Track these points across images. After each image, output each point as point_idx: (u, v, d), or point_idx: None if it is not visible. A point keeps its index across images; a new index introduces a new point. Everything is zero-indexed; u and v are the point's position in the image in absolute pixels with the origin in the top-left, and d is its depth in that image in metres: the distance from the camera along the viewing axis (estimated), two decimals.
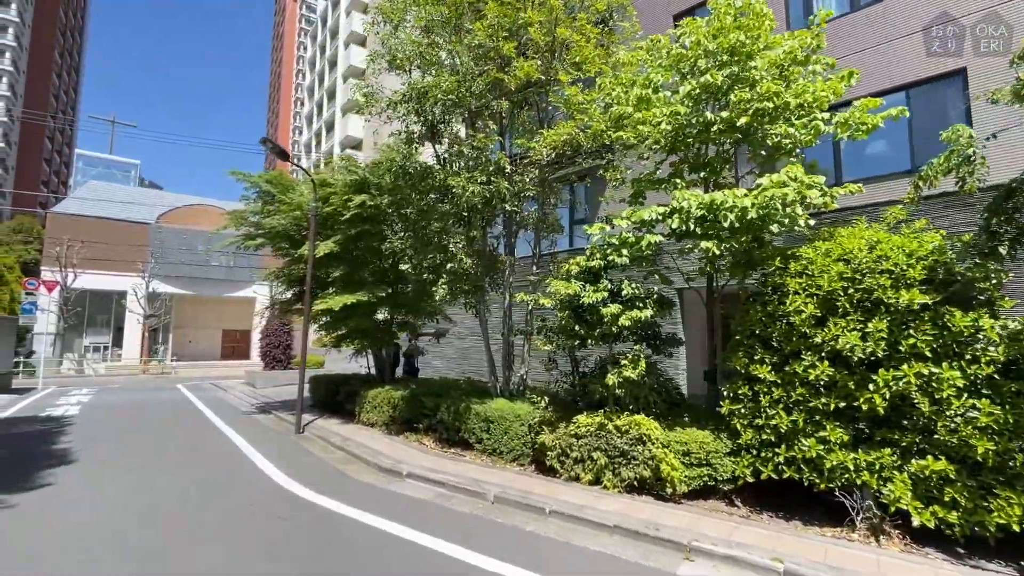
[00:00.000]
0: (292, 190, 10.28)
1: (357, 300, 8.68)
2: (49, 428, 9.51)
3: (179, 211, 35.25)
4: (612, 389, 5.60)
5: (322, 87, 57.82)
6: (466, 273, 6.85)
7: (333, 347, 11.60)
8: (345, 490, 5.77)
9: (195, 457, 7.39)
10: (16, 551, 4.09)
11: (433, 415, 8.04)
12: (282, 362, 18.75)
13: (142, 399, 14.54)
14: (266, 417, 11.29)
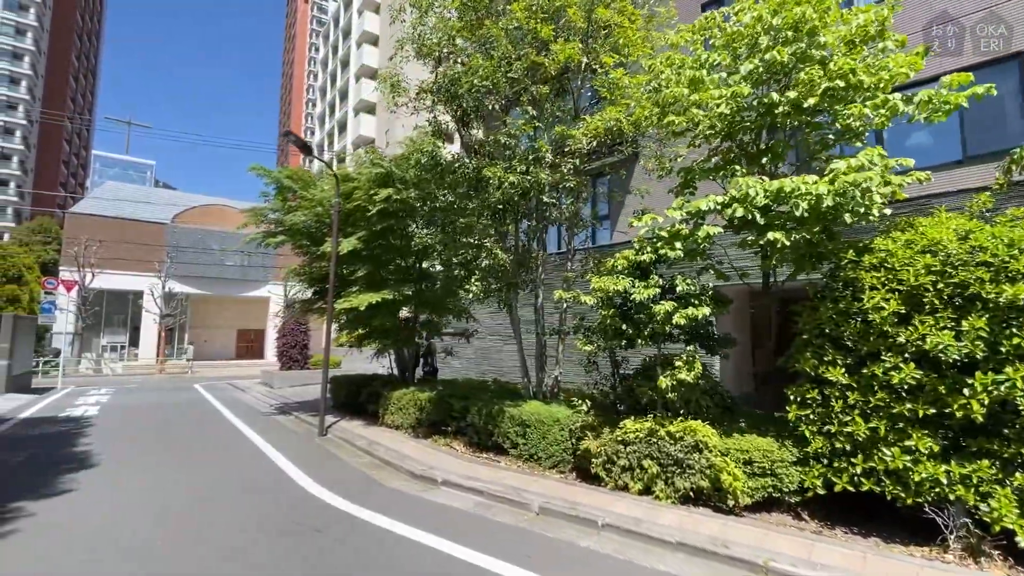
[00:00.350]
0: (313, 186, 10.01)
1: (383, 298, 8.38)
2: (68, 429, 9.32)
3: (194, 211, 35.35)
4: (664, 393, 5.21)
5: (334, 87, 57.88)
6: (501, 269, 6.51)
7: (354, 347, 11.33)
8: (379, 498, 5.45)
9: (218, 462, 7.13)
10: (35, 569, 3.82)
11: (462, 418, 7.71)
12: (299, 362, 18.56)
13: (159, 399, 14.40)
14: (286, 418, 11.05)
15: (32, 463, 6.80)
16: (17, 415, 10.97)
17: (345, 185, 9.23)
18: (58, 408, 12.11)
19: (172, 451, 7.69)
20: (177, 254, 31.35)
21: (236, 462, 7.06)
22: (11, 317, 14.28)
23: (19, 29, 66.96)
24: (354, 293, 9.06)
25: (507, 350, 15.41)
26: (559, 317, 7.51)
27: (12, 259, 25.90)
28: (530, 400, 7.22)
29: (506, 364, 15.15)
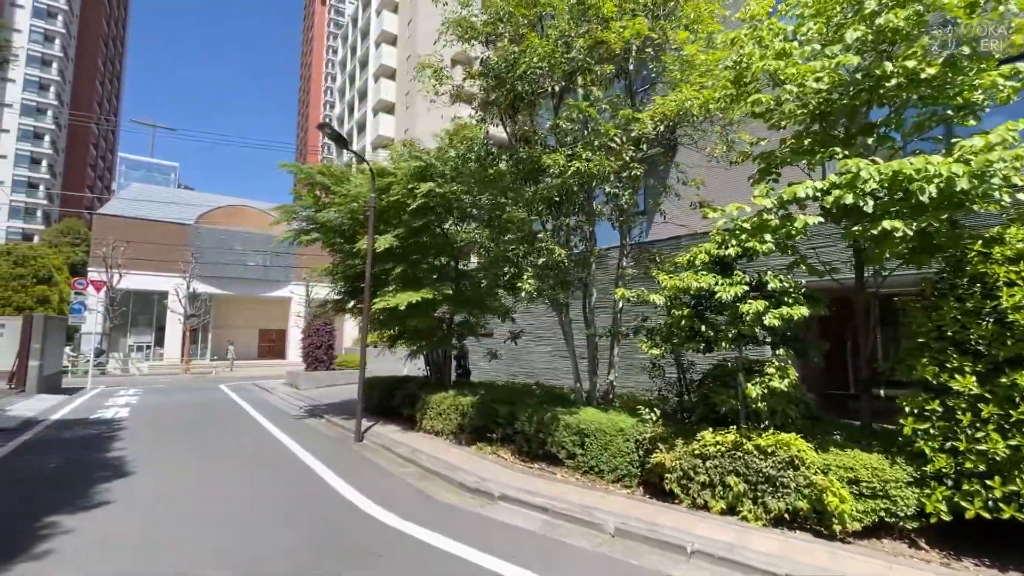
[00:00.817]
0: (347, 181, 9.65)
1: (422, 298, 7.97)
2: (101, 432, 9.10)
3: (217, 212, 35.59)
4: (754, 402, 4.68)
5: (353, 88, 58.04)
6: (558, 265, 6.03)
7: (387, 348, 10.96)
8: (435, 515, 5.01)
9: (256, 470, 6.77)
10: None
11: (508, 424, 7.26)
12: (324, 363, 18.31)
13: (188, 400, 14.23)
14: (318, 422, 10.72)
15: (66, 469, 6.52)
16: (49, 416, 10.83)
17: (381, 180, 8.84)
18: (89, 409, 11.98)
19: (207, 458, 7.37)
20: (201, 254, 31.51)
21: (275, 471, 6.70)
22: (42, 317, 14.25)
23: (48, 36, 68.56)
24: (390, 292, 8.67)
25: (539, 351, 14.94)
26: (613, 317, 7.01)
27: (42, 260, 26.23)
28: (584, 407, 6.73)
29: (537, 366, 14.66)
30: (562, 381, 13.39)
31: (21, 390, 13.87)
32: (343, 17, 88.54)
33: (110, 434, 8.94)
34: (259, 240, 35.41)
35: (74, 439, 8.49)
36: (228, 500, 5.40)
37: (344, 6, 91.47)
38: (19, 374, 14.09)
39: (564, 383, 12.41)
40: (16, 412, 11.00)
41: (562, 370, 14.07)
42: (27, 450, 7.72)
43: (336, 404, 12.94)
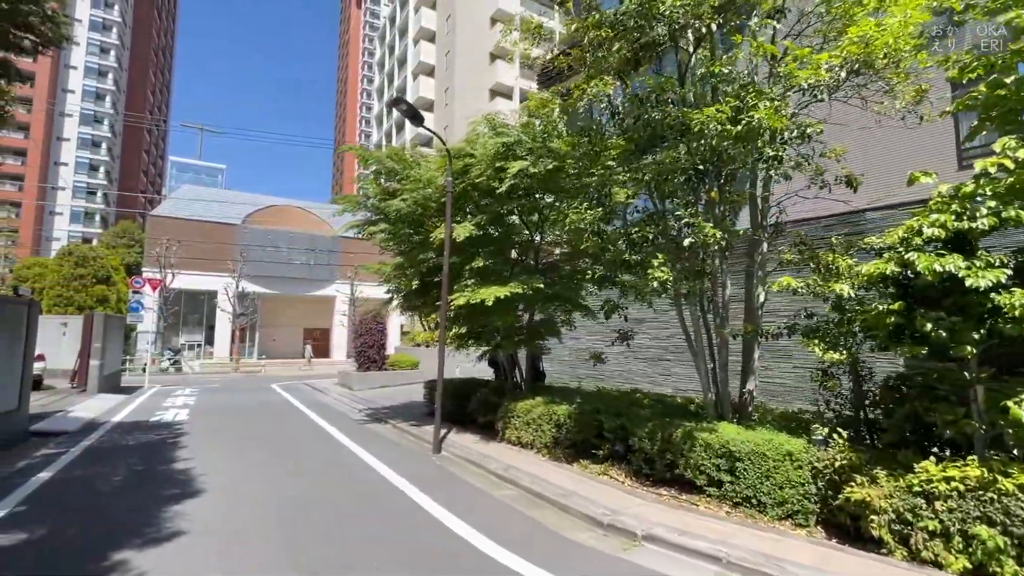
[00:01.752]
0: (418, 166, 8.80)
1: (511, 292, 7.00)
2: (163, 438, 8.55)
3: (263, 212, 35.91)
4: (1013, 427, 3.47)
5: (391, 87, 58.10)
6: (703, 249, 4.93)
7: (458, 348, 10.08)
8: (569, 560, 4.01)
9: (336, 490, 5.95)
10: None
11: (618, 440, 6.22)
12: (376, 362, 17.70)
13: (244, 402, 13.78)
14: (383, 427, 9.93)
15: (131, 485, 5.87)
16: (111, 418, 10.45)
17: (458, 162, 7.93)
18: (149, 410, 11.60)
19: (278, 473, 6.62)
20: (248, 254, 31.75)
21: (358, 492, 5.86)
22: (102, 316, 14.10)
23: (103, 48, 71.65)
24: (469, 286, 7.75)
25: (612, 352, 13.83)
26: (751, 313, 5.84)
27: (101, 260, 26.84)
28: (715, 421, 5.60)
29: (609, 368, 13.54)
30: (638, 384, 12.24)
31: (83, 389, 13.74)
32: (378, 20, 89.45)
33: (172, 440, 8.37)
34: (304, 239, 35.60)
35: (136, 445, 7.94)
36: (317, 532, 4.55)
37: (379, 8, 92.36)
38: (81, 373, 13.97)
39: (641, 386, 11.27)
40: (78, 413, 10.68)
41: (638, 373, 12.90)
42: (90, 458, 7.17)
43: (397, 408, 12.19)
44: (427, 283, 9.05)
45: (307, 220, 37.36)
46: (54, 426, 9.20)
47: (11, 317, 8.09)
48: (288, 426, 9.98)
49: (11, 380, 8.21)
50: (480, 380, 10.57)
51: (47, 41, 7.45)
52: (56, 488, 5.69)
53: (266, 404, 13.25)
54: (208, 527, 4.55)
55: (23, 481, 5.91)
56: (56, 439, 8.56)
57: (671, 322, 11.52)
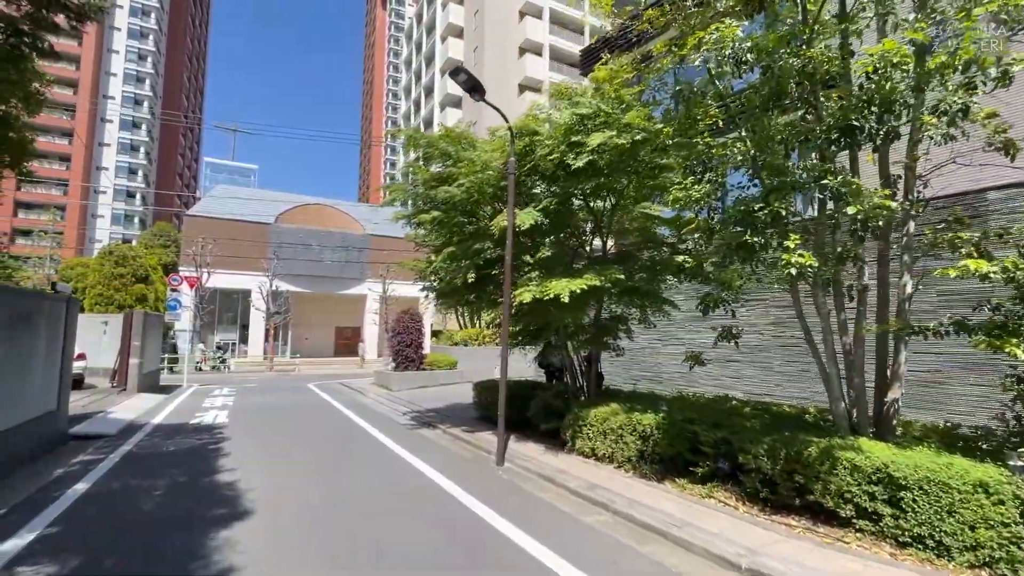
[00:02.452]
0: (472, 148, 8.02)
1: (588, 286, 6.14)
2: (204, 443, 8.00)
3: (295, 211, 35.92)
4: None
5: (419, 84, 57.88)
6: (865, 222, 3.96)
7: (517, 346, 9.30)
8: None
9: (397, 505, 5.21)
10: None
11: (723, 456, 5.31)
12: (414, 362, 17.08)
13: (283, 403, 13.30)
14: (433, 433, 9.20)
15: (173, 500, 5.25)
16: (151, 420, 10.03)
17: (521, 141, 7.11)
18: (188, 412, 11.18)
19: (330, 484, 5.92)
20: (280, 253, 31.71)
21: (424, 511, 5.10)
22: (141, 314, 13.83)
23: (141, 55, 73.68)
24: (534, 280, 6.93)
25: (666, 353, 12.84)
26: (885, 304, 4.85)
27: (140, 260, 27.10)
28: (853, 437, 4.63)
29: (666, 370, 12.55)
30: (702, 387, 11.22)
31: (123, 388, 13.49)
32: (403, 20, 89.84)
33: (214, 446, 7.80)
34: (335, 238, 35.46)
35: (178, 452, 7.39)
36: (388, 569, 3.79)
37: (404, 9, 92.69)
38: (120, 372, 13.73)
39: (705, 390, 10.27)
40: (118, 414, 10.31)
41: (702, 376, 11.86)
42: (129, 466, 6.63)
43: (442, 410, 11.47)
44: (483, 277, 8.27)
45: (338, 218, 37.26)
46: (94, 429, 8.79)
47: (48, 314, 7.65)
48: (333, 431, 9.35)
49: (50, 380, 7.78)
50: (531, 382, 9.76)
51: (81, 15, 6.97)
52: (92, 505, 5.11)
53: (306, 405, 12.73)
54: (262, 559, 3.83)
55: (58, 494, 5.36)
56: (95, 443, 8.12)
57: (740, 318, 10.52)
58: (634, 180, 6.68)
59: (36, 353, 7.11)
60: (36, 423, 7.19)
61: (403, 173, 59.87)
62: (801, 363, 9.21)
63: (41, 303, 7.35)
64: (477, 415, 10.34)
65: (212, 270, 28.21)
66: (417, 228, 9.19)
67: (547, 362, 11.15)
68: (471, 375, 18.18)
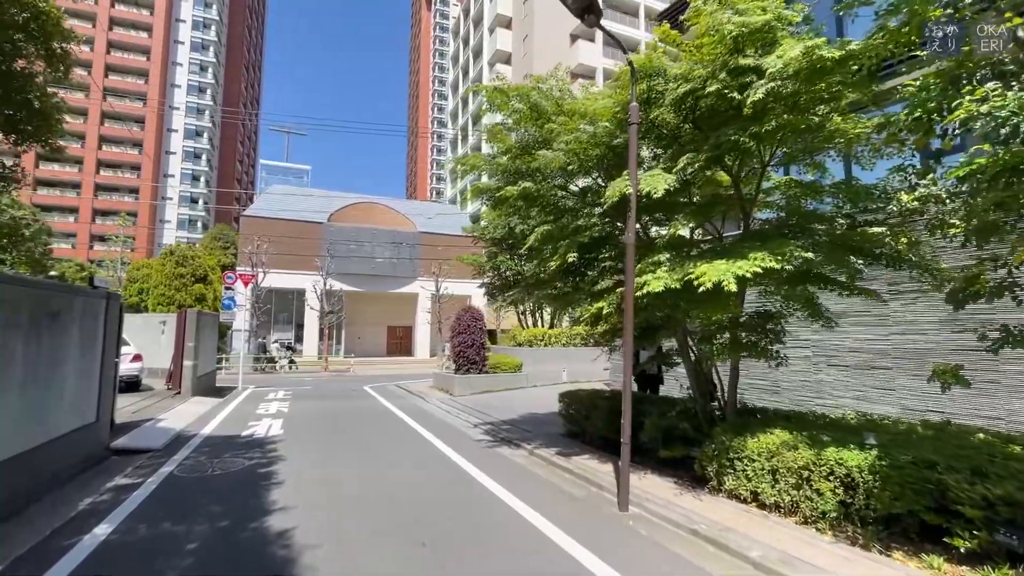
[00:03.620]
0: (572, 97, 6.38)
1: (762, 268, 4.35)
2: (254, 466, 6.78)
3: (347, 209, 35.63)
4: None
5: (466, 79, 56.97)
6: None
7: (614, 349, 7.61)
8: None
9: (500, 565, 3.64)
10: None
11: (1009, 526, 3.42)
12: (476, 364, 15.65)
13: (340, 410, 12.18)
14: (518, 454, 7.63)
15: (209, 557, 3.91)
16: (200, 430, 9.02)
17: (643, 84, 5.40)
18: (241, 420, 10.16)
19: (410, 531, 4.44)
20: (333, 251, 31.34)
21: None
22: (195, 313, 13.10)
23: (202, 66, 76.89)
24: (664, 264, 5.20)
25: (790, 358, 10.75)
26: None
27: (199, 260, 27.27)
28: None
29: (786, 379, 10.46)
30: (837, 399, 9.11)
31: (177, 392, 12.78)
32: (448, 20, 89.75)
33: (265, 469, 6.55)
34: (387, 236, 34.86)
35: (224, 478, 6.17)
36: None
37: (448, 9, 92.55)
38: (175, 375, 13.04)
39: (842, 403, 8.17)
40: (168, 422, 9.39)
41: (833, 385, 9.71)
42: (165, 498, 5.44)
43: (518, 423, 9.92)
44: (585, 260, 6.61)
45: (389, 216, 36.71)
46: (138, 442, 7.79)
47: (84, 312, 6.63)
48: (400, 450, 7.97)
49: (87, 388, 6.78)
50: (651, 397, 8.00)
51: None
52: (107, 563, 3.83)
53: (365, 413, 11.51)
54: None
55: (71, 543, 4.15)
56: (137, 459, 7.09)
57: (895, 315, 8.38)
58: (812, 120, 4.80)
59: (64, 359, 6.06)
60: (67, 441, 6.15)
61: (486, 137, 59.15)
62: (990, 371, 7.01)
63: (71, 299, 6.30)
64: (564, 431, 8.70)
65: (267, 269, 28.06)
66: (495, 209, 7.63)
67: (640, 368, 9.42)
68: (537, 379, 16.60)
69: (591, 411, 7.68)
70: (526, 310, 19.66)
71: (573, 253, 5.88)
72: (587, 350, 18.19)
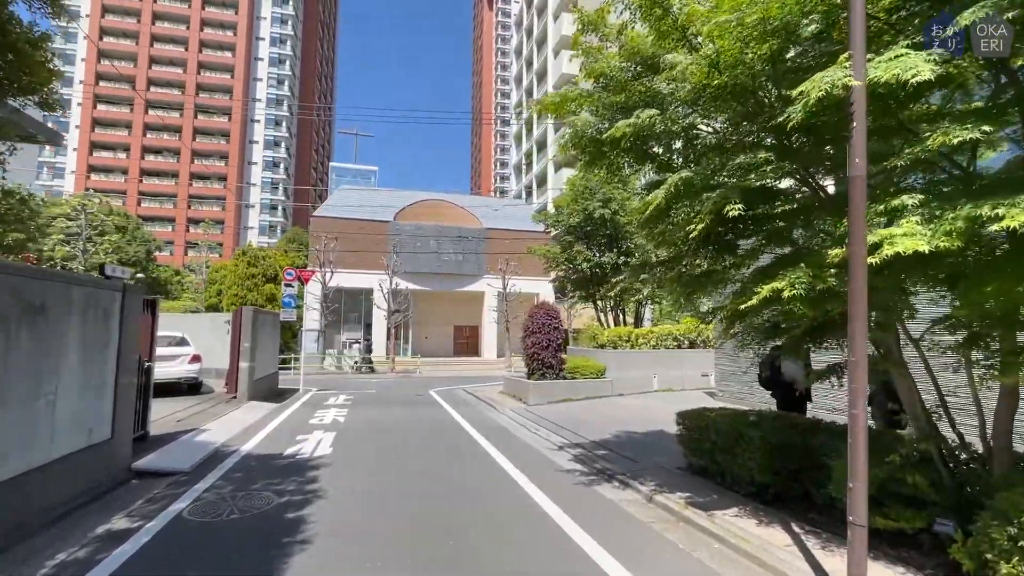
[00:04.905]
0: None
1: None
2: (288, 501, 5.24)
3: (412, 208, 35.00)
4: None
5: (530, 71, 55.26)
6: None
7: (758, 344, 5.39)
8: None
9: None
10: None
11: None
12: (553, 368, 13.68)
13: (402, 422, 10.68)
14: (626, 497, 5.56)
15: None
16: (240, 446, 7.76)
17: None
18: (289, 433, 8.86)
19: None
20: (400, 250, 30.67)
21: None
22: (251, 311, 12.16)
23: (279, 80, 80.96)
24: (914, 211, 2.95)
25: None
26: None
27: (270, 260, 27.50)
28: None
29: None
30: None
31: (233, 396, 11.88)
32: (509, 18, 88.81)
33: (296, 512, 4.96)
34: (452, 233, 33.81)
35: (242, 524, 4.64)
36: None
37: (510, 7, 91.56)
38: (230, 377, 12.18)
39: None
40: (209, 434, 8.23)
41: None
42: (162, 554, 3.95)
43: (613, 444, 7.84)
44: (743, 223, 4.43)
45: (455, 213, 35.69)
46: (165, 462, 6.56)
47: (88, 306, 5.39)
48: (470, 487, 6.18)
49: (96, 400, 5.56)
50: (763, 414, 5.62)
51: None
52: None
53: (430, 427, 9.90)
54: None
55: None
56: (159, 485, 5.81)
57: None
58: None
59: (56, 366, 4.79)
60: (64, 466, 4.89)
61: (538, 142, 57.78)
62: None
63: (64, 291, 5.04)
64: (684, 464, 6.50)
65: (334, 268, 27.80)
66: (590, 165, 5.60)
67: (775, 380, 7.07)
68: (623, 386, 14.35)
69: (734, 443, 5.44)
70: (606, 307, 17.41)
71: (736, 204, 3.72)
72: (680, 353, 15.66)
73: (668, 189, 4.15)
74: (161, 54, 72.09)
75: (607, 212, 15.67)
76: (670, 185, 4.14)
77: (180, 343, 12.68)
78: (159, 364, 11.73)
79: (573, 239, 16.90)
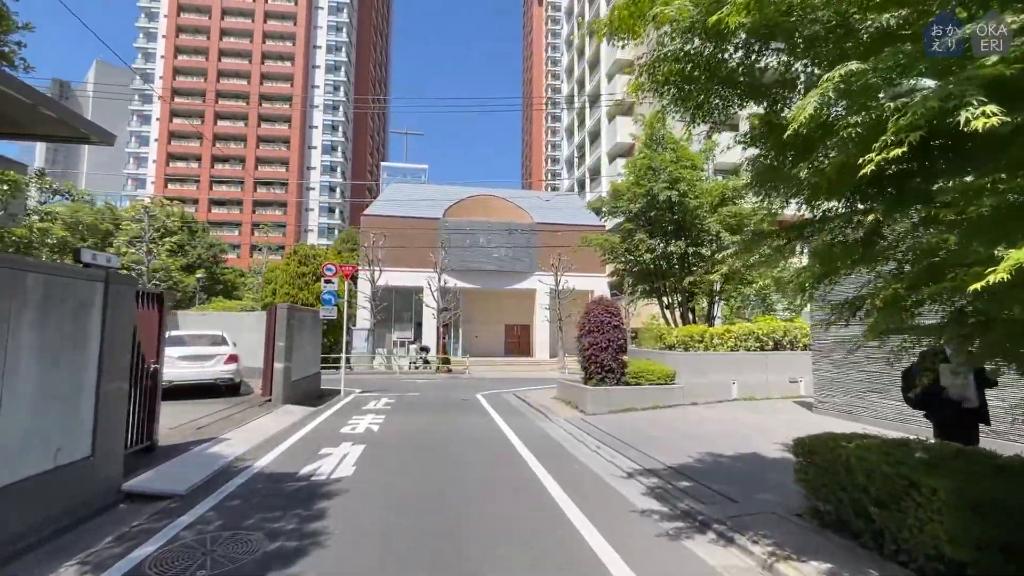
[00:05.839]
0: None
1: None
2: (274, 556, 4.04)
3: (461, 204, 34.13)
4: None
5: (582, 60, 53.26)
6: None
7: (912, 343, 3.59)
8: None
9: None
10: None
11: None
12: (613, 372, 12.02)
13: (442, 433, 9.45)
14: (729, 562, 3.94)
15: None
16: (256, 462, 6.76)
17: None
18: (314, 445, 7.83)
19: None
20: (449, 247, 29.85)
21: None
22: (285, 308, 11.37)
23: (335, 86, 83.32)
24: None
25: None
26: None
27: (320, 259, 27.41)
28: None
29: None
30: None
31: (268, 398, 11.14)
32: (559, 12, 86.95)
33: (284, 571, 3.74)
34: (502, 229, 32.64)
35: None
36: None
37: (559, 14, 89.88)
38: (265, 379, 11.45)
39: None
40: (225, 446, 7.31)
41: None
42: None
43: (698, 471, 6.18)
44: (926, 170, 2.73)
45: (505, 209, 34.48)
46: (159, 484, 5.60)
47: (51, 300, 4.45)
48: (516, 535, 4.77)
49: (67, 412, 4.63)
50: (945, 449, 3.76)
51: None
52: None
53: (471, 442, 8.58)
54: None
55: None
56: (143, 514, 4.82)
57: None
58: None
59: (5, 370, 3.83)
60: (18, 493, 3.95)
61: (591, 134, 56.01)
62: None
63: (17, 280, 4.08)
64: (807, 508, 4.74)
65: (383, 267, 27.33)
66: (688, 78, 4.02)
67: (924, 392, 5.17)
68: (695, 393, 12.46)
69: (902, 494, 3.67)
70: (672, 303, 15.47)
71: (977, 108, 2.06)
72: (763, 356, 13.49)
73: (824, 91, 2.52)
74: (227, 67, 76.08)
75: (674, 194, 13.75)
76: (827, 84, 2.50)
77: (217, 342, 12.12)
78: (192, 365, 11.23)
79: (634, 227, 15.07)
